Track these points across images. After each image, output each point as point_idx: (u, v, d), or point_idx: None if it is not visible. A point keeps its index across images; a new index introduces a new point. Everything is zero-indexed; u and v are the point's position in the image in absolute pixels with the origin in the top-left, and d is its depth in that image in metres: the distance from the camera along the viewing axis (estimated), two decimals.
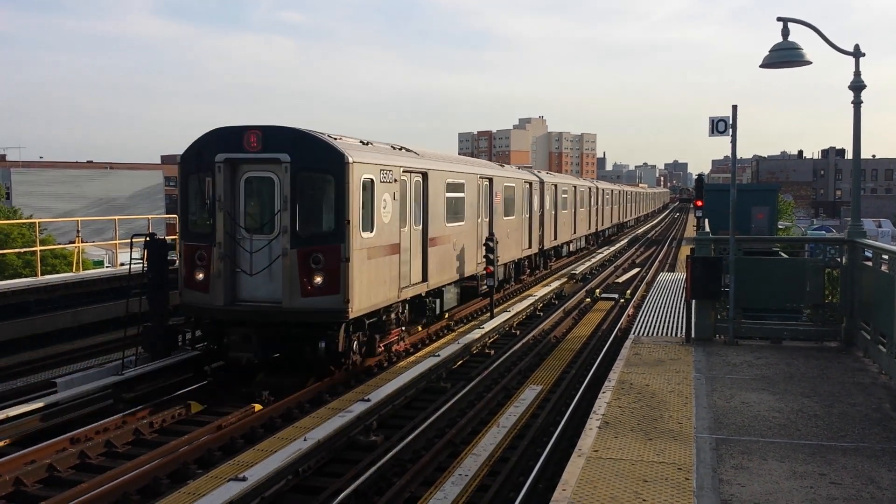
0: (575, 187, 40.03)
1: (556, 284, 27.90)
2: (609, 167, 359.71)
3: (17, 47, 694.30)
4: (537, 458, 10.84)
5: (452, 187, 19.75)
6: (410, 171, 17.12)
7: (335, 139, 14.77)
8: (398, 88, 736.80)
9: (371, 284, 14.97)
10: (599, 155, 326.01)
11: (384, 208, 15.58)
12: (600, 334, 20.59)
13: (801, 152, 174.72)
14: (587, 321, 22.79)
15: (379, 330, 15.84)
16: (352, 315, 14.18)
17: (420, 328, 19.23)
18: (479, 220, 22.20)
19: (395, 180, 16.08)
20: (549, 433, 12.05)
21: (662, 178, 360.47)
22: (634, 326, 16.39)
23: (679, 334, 15.05)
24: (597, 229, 49.17)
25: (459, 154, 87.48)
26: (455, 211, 20.04)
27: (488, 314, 20.97)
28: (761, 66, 13.78)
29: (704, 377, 11.57)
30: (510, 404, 13.47)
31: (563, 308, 24.16)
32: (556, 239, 34.66)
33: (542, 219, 31.64)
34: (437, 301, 19.22)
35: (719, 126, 14.04)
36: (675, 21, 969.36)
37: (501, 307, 22.40)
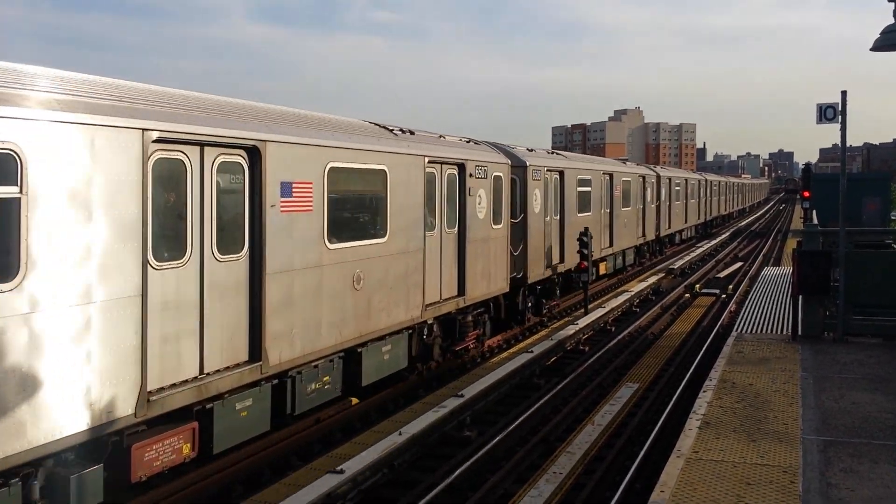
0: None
1: (653, 280, 27.29)
2: (710, 158, 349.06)
3: (124, 52, 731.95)
4: (634, 458, 10.63)
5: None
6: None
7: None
8: (490, 83, 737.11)
9: None
10: (699, 145, 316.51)
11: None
12: (700, 331, 20.00)
13: None
14: (686, 317, 22.18)
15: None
16: None
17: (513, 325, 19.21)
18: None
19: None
20: (647, 432, 11.80)
21: (767, 168, 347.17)
22: (737, 323, 15.86)
23: (785, 331, 14.48)
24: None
25: (553, 148, 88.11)
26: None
27: (582, 310, 20.71)
28: (872, 49, 13.06)
29: (812, 376, 11.09)
30: (606, 402, 13.26)
31: (660, 304, 23.60)
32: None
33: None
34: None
35: (827, 113, 13.42)
36: (777, 5, 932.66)
37: (596, 303, 22.08)
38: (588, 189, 23.34)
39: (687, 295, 26.19)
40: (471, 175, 14.89)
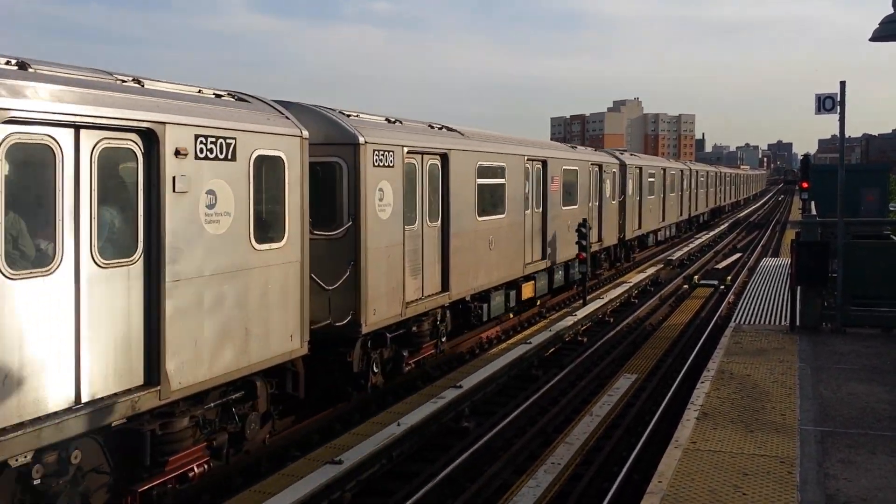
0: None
1: (651, 271, 27.31)
2: (709, 149, 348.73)
3: (134, 46, 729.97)
4: (632, 449, 10.66)
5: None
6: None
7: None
8: (490, 74, 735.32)
9: None
10: (698, 136, 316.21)
11: None
12: (699, 322, 20.03)
13: None
14: (685, 308, 22.21)
15: None
16: None
17: (511, 315, 19.20)
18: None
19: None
20: (645, 423, 11.83)
21: (765, 159, 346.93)
22: (735, 314, 15.88)
23: (783, 322, 14.49)
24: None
25: (552, 139, 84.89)
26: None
27: (581, 301, 20.72)
28: (871, 39, 13.03)
29: (810, 367, 11.11)
30: (604, 393, 13.29)
31: (659, 295, 23.62)
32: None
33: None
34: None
35: (826, 104, 13.41)
36: None
37: (595, 294, 22.09)
38: (500, 181, 16.83)
39: (685, 286, 26.21)
40: (179, 153, 7.96)
